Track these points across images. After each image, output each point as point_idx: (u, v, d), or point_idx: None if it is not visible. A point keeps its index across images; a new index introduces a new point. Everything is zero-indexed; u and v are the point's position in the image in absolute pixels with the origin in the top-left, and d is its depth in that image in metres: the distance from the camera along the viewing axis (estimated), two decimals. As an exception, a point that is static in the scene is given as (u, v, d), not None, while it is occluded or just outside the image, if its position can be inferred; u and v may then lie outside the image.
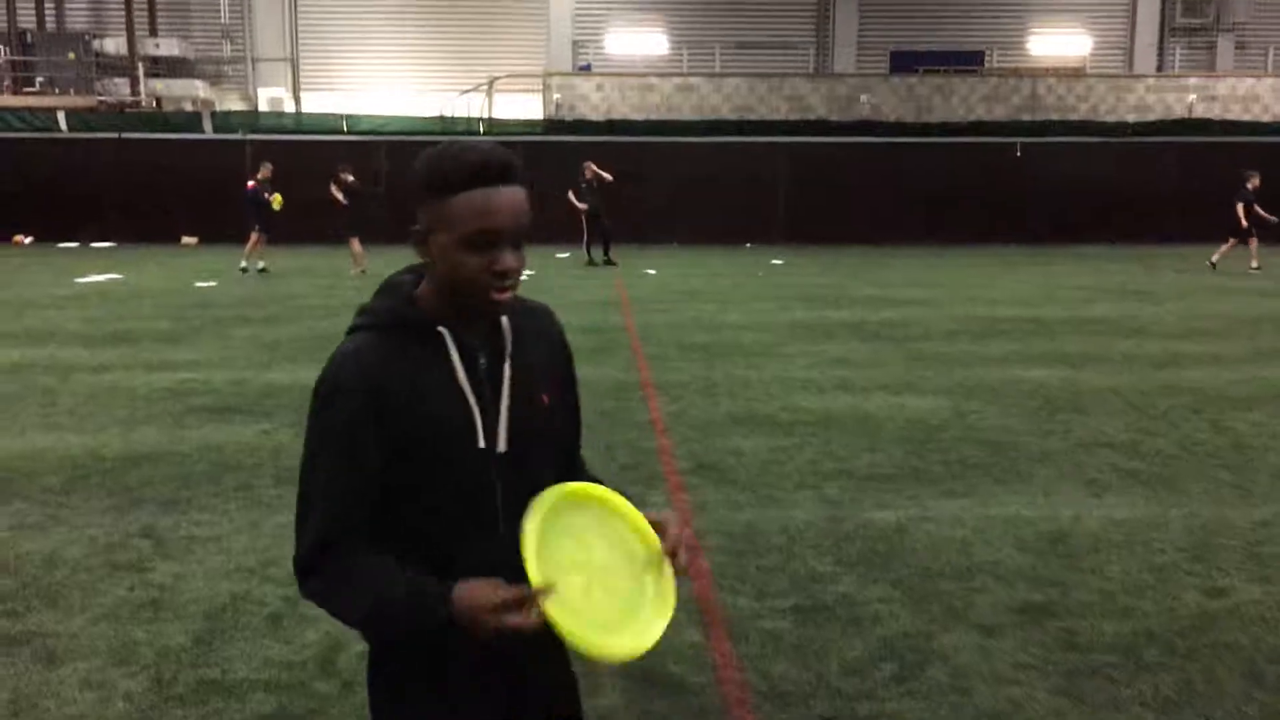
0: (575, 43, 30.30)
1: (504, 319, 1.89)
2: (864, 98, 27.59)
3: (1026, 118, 28.04)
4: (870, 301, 15.29)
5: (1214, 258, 20.13)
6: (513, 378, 1.89)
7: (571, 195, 21.43)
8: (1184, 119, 28.33)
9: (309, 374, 9.46)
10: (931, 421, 8.00)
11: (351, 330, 1.88)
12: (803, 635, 4.32)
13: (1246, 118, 28.51)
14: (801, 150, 26.59)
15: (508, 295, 1.81)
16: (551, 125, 27.04)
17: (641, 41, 30.70)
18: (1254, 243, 19.95)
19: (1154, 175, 26.87)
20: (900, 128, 27.15)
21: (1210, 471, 6.66)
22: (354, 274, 18.48)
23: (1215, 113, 28.66)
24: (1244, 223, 19.90)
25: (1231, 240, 20.12)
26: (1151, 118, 28.49)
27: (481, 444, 1.84)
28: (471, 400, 1.84)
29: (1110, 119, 28.42)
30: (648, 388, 9.21)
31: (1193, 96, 28.86)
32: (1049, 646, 4.19)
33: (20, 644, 4.21)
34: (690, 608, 4.58)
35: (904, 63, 30.59)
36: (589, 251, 21.54)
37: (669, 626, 1.79)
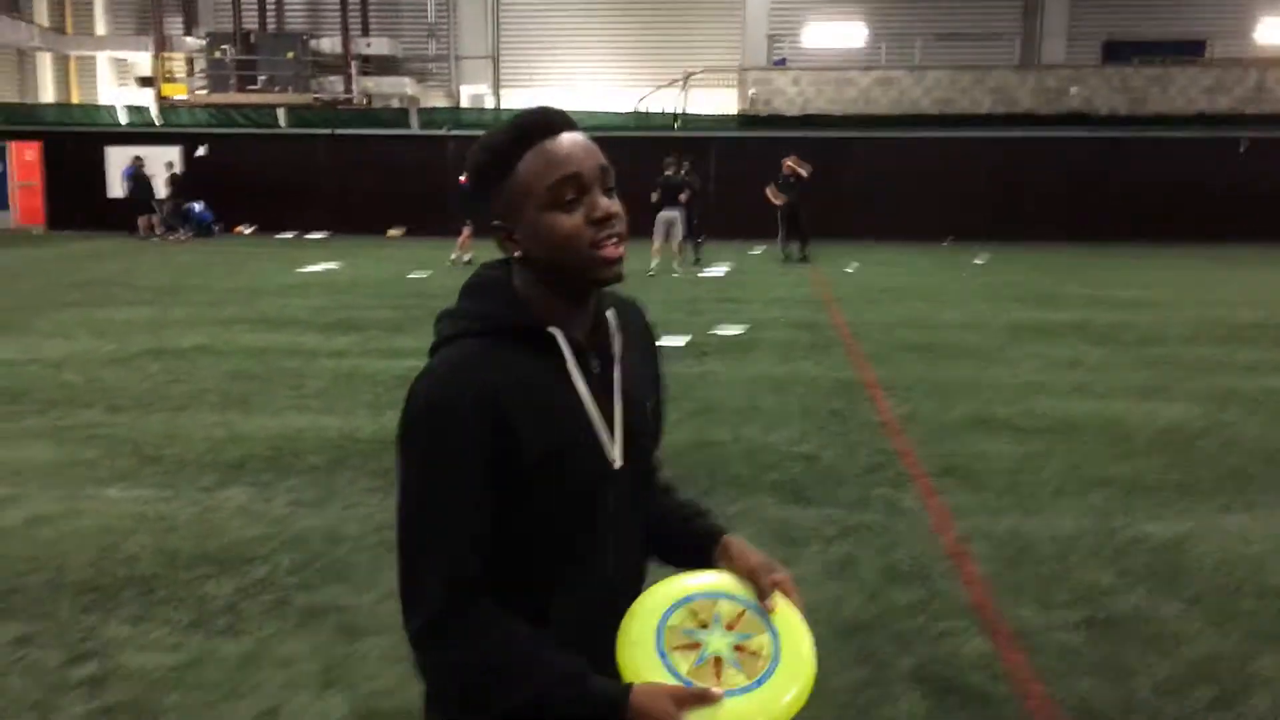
0: (771, 37, 30.06)
1: (609, 314, 1.68)
2: (1074, 89, 26.43)
3: (1252, 110, 26.33)
4: (1091, 302, 14.62)
5: None
6: (623, 383, 1.66)
7: (769, 190, 21.27)
8: None
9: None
10: (1187, 430, 7.56)
11: (447, 339, 1.60)
12: (1101, 651, 4.10)
13: None
14: (1006, 145, 25.69)
15: (620, 249, 1.58)
16: (747, 120, 26.92)
17: (839, 34, 30.23)
18: None
19: (1397, 171, 24.86)
20: (1113, 121, 25.91)
21: None
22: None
23: None
24: None
25: None
26: (1394, 108, 26.36)
27: (601, 461, 1.62)
28: (594, 413, 1.61)
29: (1347, 110, 26.43)
30: (873, 387, 9.02)
31: None
32: (1385, 679, 3.86)
33: (320, 616, 4.39)
34: (971, 616, 4.43)
35: (1118, 53, 29.14)
36: (785, 247, 21.34)
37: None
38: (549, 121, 1.57)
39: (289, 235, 26.56)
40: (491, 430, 1.51)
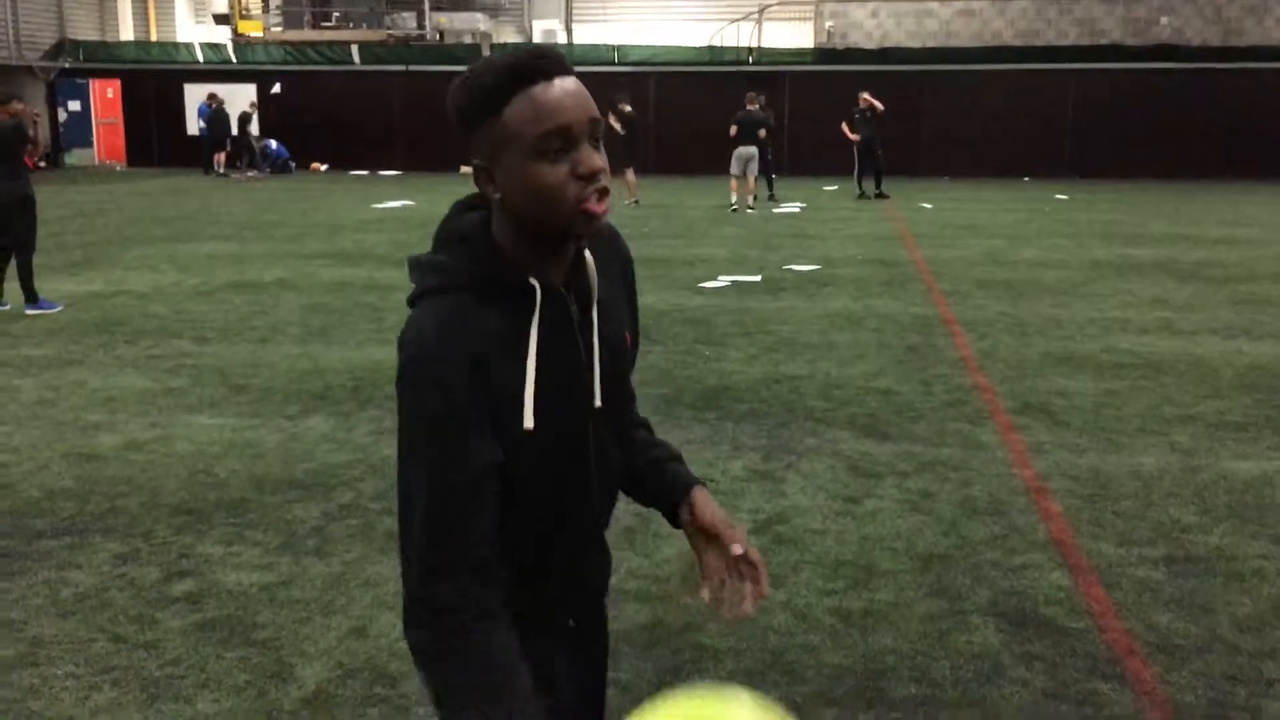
0: (848, -32, 29.38)
1: (588, 254, 1.63)
2: (1164, 20, 25.52)
3: (1353, 40, 25.26)
4: (1176, 239, 14.25)
5: None
6: (600, 322, 1.64)
7: (845, 126, 20.93)
8: None
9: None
10: (1276, 369, 7.39)
11: (424, 293, 1.56)
12: (1181, 587, 4.07)
13: None
14: (1091, 78, 24.93)
15: (605, 205, 1.51)
16: (822, 54, 26.44)
17: (917, -36, 29.44)
18: None
19: None
20: (1205, 53, 24.99)
21: None
22: (628, 203, 18.78)
23: None
24: None
25: None
26: None
27: (581, 404, 1.62)
28: (570, 360, 1.60)
29: None
30: (951, 324, 8.92)
31: None
32: None
33: (404, 540, 4.50)
34: (1049, 550, 4.42)
35: (1211, -19, 28.06)
36: (860, 183, 21.03)
37: None
38: (544, 65, 1.48)
39: (363, 172, 26.81)
40: (479, 390, 1.50)
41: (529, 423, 1.54)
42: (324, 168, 27.53)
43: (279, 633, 3.73)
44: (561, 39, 30.79)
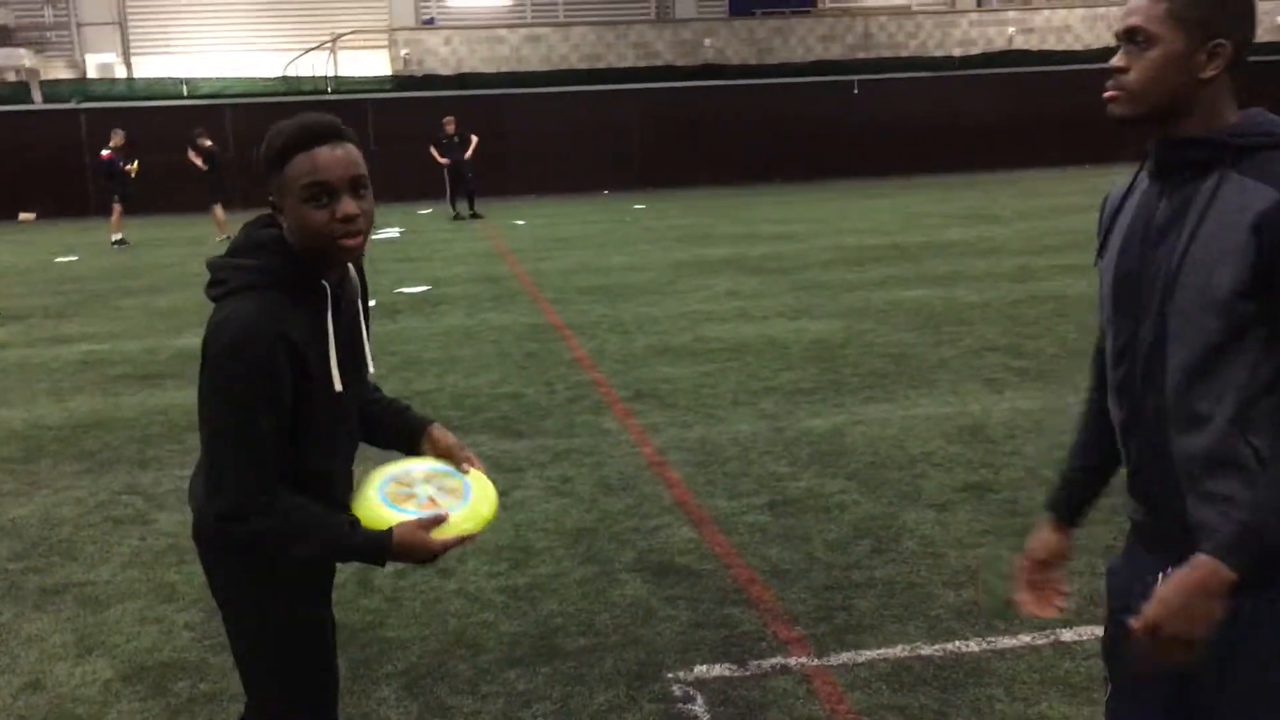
0: (416, -4, 29.90)
1: (351, 268, 2.17)
2: (707, 42, 28.19)
3: (861, 56, 29.13)
4: (741, 239, 15.95)
5: None
6: (366, 320, 2.25)
7: (433, 150, 21.39)
8: (1005, 51, 29.93)
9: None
10: (833, 341, 8.66)
11: (236, 290, 2.03)
12: (783, 525, 4.86)
13: (1060, 48, 30.30)
14: (650, 97, 27.04)
15: (358, 240, 2.02)
16: (401, 81, 26.75)
17: (484, -8, 30.50)
18: None
19: (980, 106, 28.34)
20: (743, 70, 27.87)
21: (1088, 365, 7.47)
22: (219, 240, 18.14)
23: (1033, 44, 30.36)
24: None
25: None
26: (975, 51, 29.99)
27: (359, 375, 2.21)
28: (352, 342, 2.16)
29: (938, 54, 29.78)
30: (562, 329, 9.61)
31: (1012, 29, 30.48)
32: (997, 515, 4.84)
33: (58, 594, 4.40)
34: (676, 512, 5.09)
35: (743, 6, 31.26)
36: (454, 205, 21.59)
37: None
38: (318, 133, 2.00)
39: (-103, 227, 23.82)
40: (287, 365, 2.01)
41: (339, 387, 2.12)
42: None
43: (-58, 703, 3.59)
44: (121, 73, 28.92)
